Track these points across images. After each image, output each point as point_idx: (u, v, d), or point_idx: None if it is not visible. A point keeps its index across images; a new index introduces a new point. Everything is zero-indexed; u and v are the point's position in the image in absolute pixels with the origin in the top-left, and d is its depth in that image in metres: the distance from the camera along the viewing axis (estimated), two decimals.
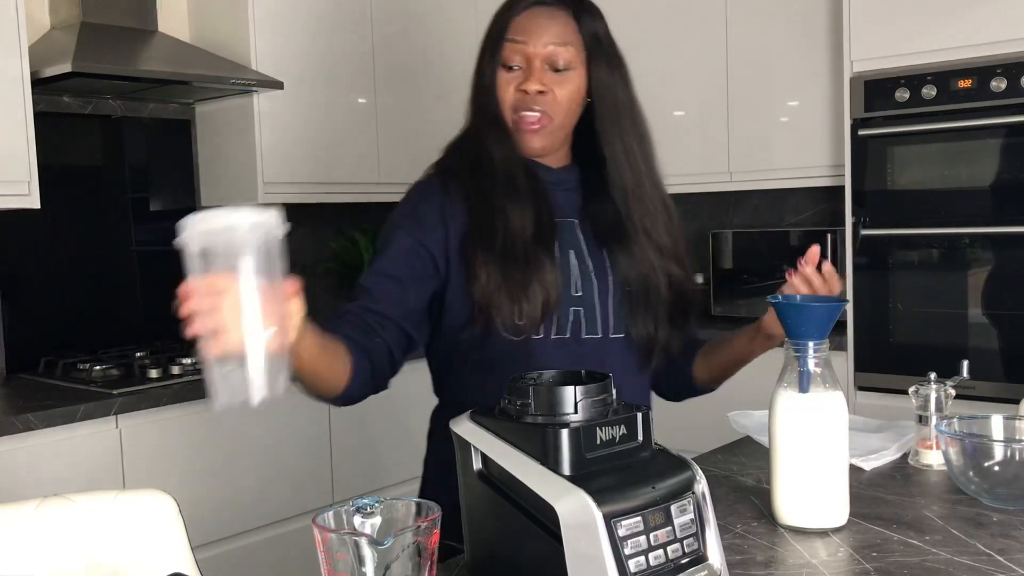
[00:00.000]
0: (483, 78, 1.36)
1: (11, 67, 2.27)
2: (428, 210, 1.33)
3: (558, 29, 1.33)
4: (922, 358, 2.63)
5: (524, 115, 1.33)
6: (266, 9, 2.83)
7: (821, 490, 1.12)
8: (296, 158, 2.94)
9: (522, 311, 1.27)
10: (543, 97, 1.32)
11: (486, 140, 1.35)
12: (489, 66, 1.35)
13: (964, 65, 2.58)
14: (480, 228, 1.31)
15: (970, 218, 2.61)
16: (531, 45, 1.32)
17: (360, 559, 0.74)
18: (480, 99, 1.37)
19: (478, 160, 1.35)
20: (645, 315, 1.37)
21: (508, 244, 1.29)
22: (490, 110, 1.35)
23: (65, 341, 2.71)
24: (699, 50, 3.31)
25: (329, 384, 1.19)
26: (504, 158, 1.34)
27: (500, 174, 1.33)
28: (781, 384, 1.14)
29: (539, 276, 1.27)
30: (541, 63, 1.32)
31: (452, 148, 1.42)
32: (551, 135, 1.35)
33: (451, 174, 1.37)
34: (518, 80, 1.33)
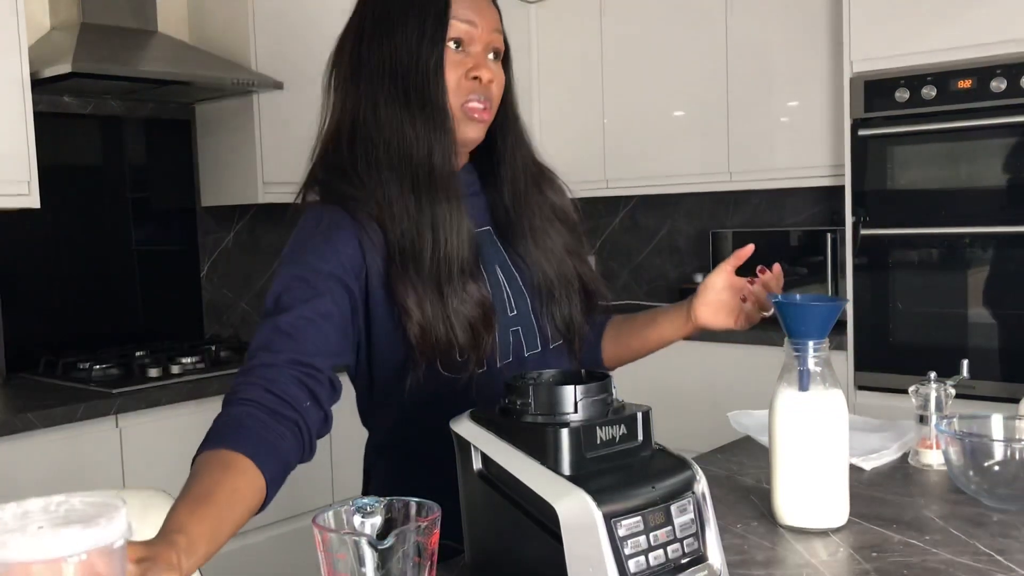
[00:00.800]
0: (417, 57, 1.16)
1: (11, 67, 2.27)
2: (344, 245, 1.13)
3: (494, 14, 1.22)
4: (922, 358, 2.63)
5: (474, 103, 1.18)
6: (266, 9, 2.83)
7: (821, 490, 1.12)
8: (296, 158, 2.92)
9: (461, 345, 1.13)
10: (491, 87, 1.19)
11: (419, 133, 1.16)
12: (431, 45, 1.16)
13: (964, 65, 2.58)
14: (402, 254, 1.14)
15: (970, 218, 2.61)
16: (481, 28, 1.18)
17: (360, 559, 0.74)
18: (412, 82, 1.16)
19: (399, 151, 1.16)
20: (564, 311, 1.28)
21: (440, 265, 1.13)
22: (432, 95, 1.16)
23: (65, 341, 2.71)
24: (699, 50, 3.31)
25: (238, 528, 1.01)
26: (444, 157, 1.16)
27: (437, 175, 1.15)
28: (781, 383, 1.14)
29: (472, 303, 1.14)
30: (484, 49, 1.20)
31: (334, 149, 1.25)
32: (486, 127, 1.22)
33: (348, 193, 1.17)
34: (466, 65, 1.18)
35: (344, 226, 1.14)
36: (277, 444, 1.03)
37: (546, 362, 1.26)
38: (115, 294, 2.87)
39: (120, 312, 2.89)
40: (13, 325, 2.62)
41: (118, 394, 2.24)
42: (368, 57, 1.21)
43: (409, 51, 1.16)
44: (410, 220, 1.14)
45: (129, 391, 2.27)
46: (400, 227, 1.14)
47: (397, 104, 1.17)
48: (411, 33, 1.16)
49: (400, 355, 1.17)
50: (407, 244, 1.14)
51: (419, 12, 1.17)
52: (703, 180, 3.35)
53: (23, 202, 2.31)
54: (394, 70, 1.17)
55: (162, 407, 2.31)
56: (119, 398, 2.23)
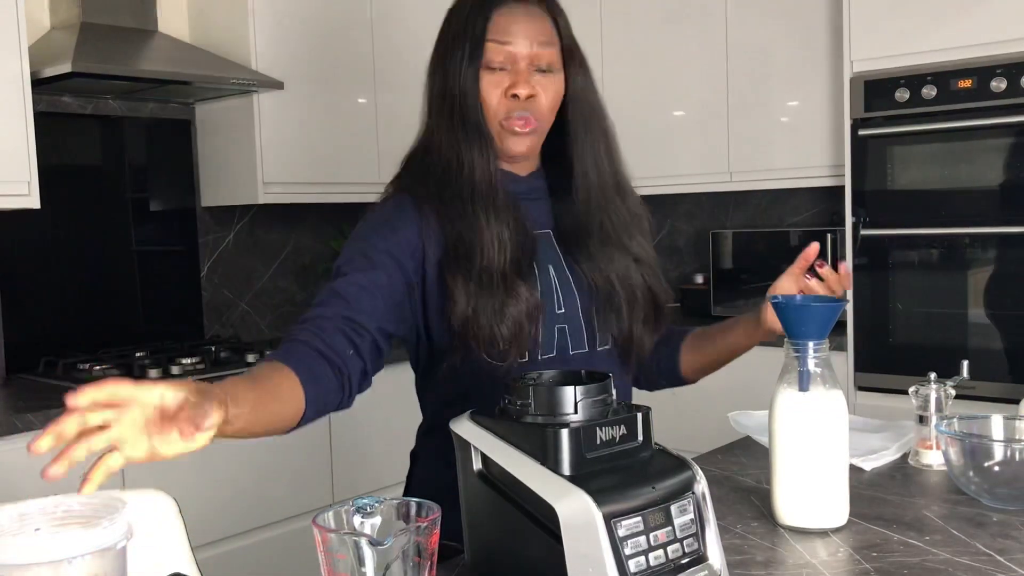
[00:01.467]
0: (459, 81, 1.26)
1: (11, 67, 2.27)
2: (406, 229, 1.25)
3: (540, 28, 1.27)
4: (922, 358, 2.63)
5: (514, 119, 1.26)
6: (266, 9, 2.83)
7: (821, 490, 1.12)
8: (296, 158, 2.94)
9: (503, 337, 1.21)
10: (532, 101, 1.26)
11: (464, 150, 1.26)
12: (468, 70, 1.25)
13: (964, 65, 2.58)
14: (456, 251, 1.23)
15: (970, 218, 2.61)
16: (517, 46, 1.25)
17: (360, 559, 0.74)
18: (454, 107, 1.26)
19: (452, 172, 1.26)
20: (622, 320, 1.32)
21: (487, 267, 1.22)
22: (471, 116, 1.25)
23: (65, 341, 2.71)
24: (699, 50, 3.31)
25: (273, 429, 1.06)
26: (484, 170, 1.25)
27: (480, 188, 1.25)
28: (781, 384, 1.14)
29: (517, 300, 1.21)
30: (527, 65, 1.26)
31: (414, 161, 1.34)
32: (536, 139, 1.30)
33: (420, 192, 1.28)
34: (504, 83, 1.25)
35: (407, 211, 1.26)
36: (320, 376, 1.12)
37: (592, 363, 1.29)
38: (115, 294, 2.87)
39: (120, 312, 2.89)
40: (13, 325, 2.62)
41: None
42: (433, 81, 1.32)
43: (454, 75, 1.27)
44: (458, 228, 1.24)
45: None
46: (453, 231, 1.24)
47: (450, 127, 1.27)
48: (457, 59, 1.26)
49: (448, 340, 1.25)
50: (461, 247, 1.23)
51: (462, 37, 1.27)
52: (703, 180, 3.35)
53: (23, 202, 2.31)
54: (444, 93, 1.28)
55: None
56: None
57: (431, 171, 1.29)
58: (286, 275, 3.30)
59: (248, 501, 2.49)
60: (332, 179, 3.04)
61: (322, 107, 3.00)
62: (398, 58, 3.21)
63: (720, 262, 3.35)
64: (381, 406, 2.82)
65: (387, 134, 3.17)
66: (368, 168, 3.12)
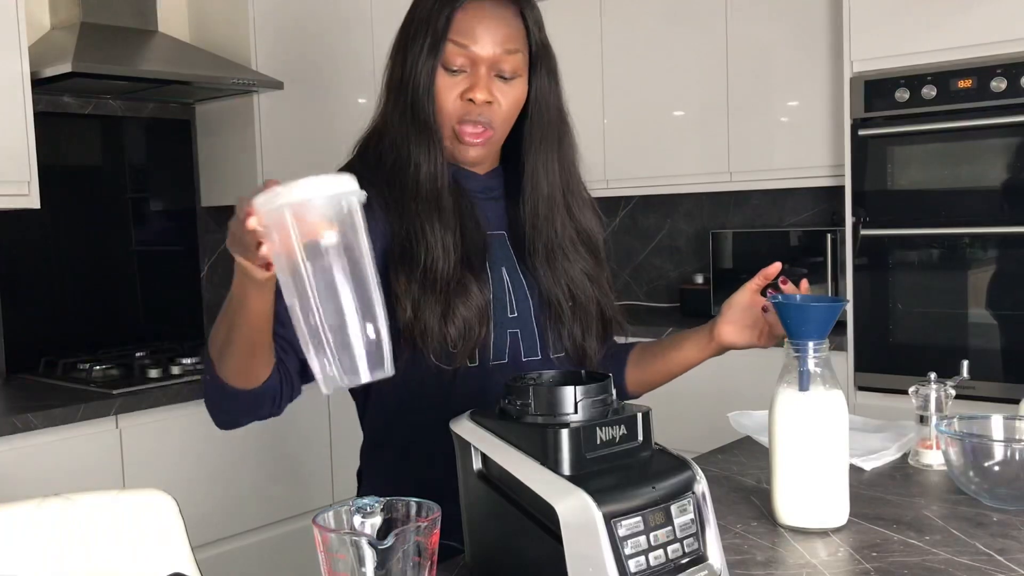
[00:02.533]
0: (414, 77, 1.18)
1: (11, 67, 2.27)
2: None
3: (507, 32, 1.19)
4: (922, 358, 2.63)
5: (467, 127, 1.20)
6: (266, 9, 2.83)
7: (821, 490, 1.12)
8: (296, 158, 2.94)
9: (451, 338, 1.15)
10: (489, 107, 1.19)
11: (412, 149, 1.19)
12: (425, 66, 1.18)
13: (964, 65, 2.58)
14: (401, 250, 1.17)
15: (970, 218, 2.61)
16: (479, 48, 1.17)
17: (360, 559, 0.74)
18: (408, 100, 1.19)
19: (399, 170, 1.20)
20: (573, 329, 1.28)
21: (431, 269, 1.16)
22: (422, 116, 1.19)
23: (65, 341, 2.71)
24: (699, 50, 3.31)
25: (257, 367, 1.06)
26: (431, 173, 1.19)
27: (424, 190, 1.18)
28: (781, 384, 1.14)
29: (466, 301, 1.16)
30: (487, 69, 1.18)
31: (367, 147, 1.27)
32: (491, 146, 1.24)
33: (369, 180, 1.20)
34: (461, 86, 1.18)
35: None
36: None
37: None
38: (115, 294, 2.88)
39: (120, 312, 2.89)
40: (13, 325, 2.62)
41: (118, 395, 2.24)
42: (392, 67, 1.24)
43: (413, 67, 1.19)
44: (404, 224, 1.18)
45: (129, 392, 2.27)
46: (399, 228, 1.18)
47: (403, 119, 1.21)
48: (417, 50, 1.19)
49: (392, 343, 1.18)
50: (407, 245, 1.17)
51: (424, 30, 1.18)
52: (703, 180, 3.35)
53: (23, 202, 2.31)
54: (401, 85, 1.21)
55: (162, 408, 2.31)
56: (119, 399, 2.23)
57: (383, 160, 1.23)
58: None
59: (248, 501, 2.49)
60: None
61: (322, 107, 3.00)
62: None
63: (720, 262, 3.35)
64: None
65: None
66: None
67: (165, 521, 1.20)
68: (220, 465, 2.43)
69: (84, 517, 1.17)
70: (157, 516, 1.20)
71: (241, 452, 2.48)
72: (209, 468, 2.41)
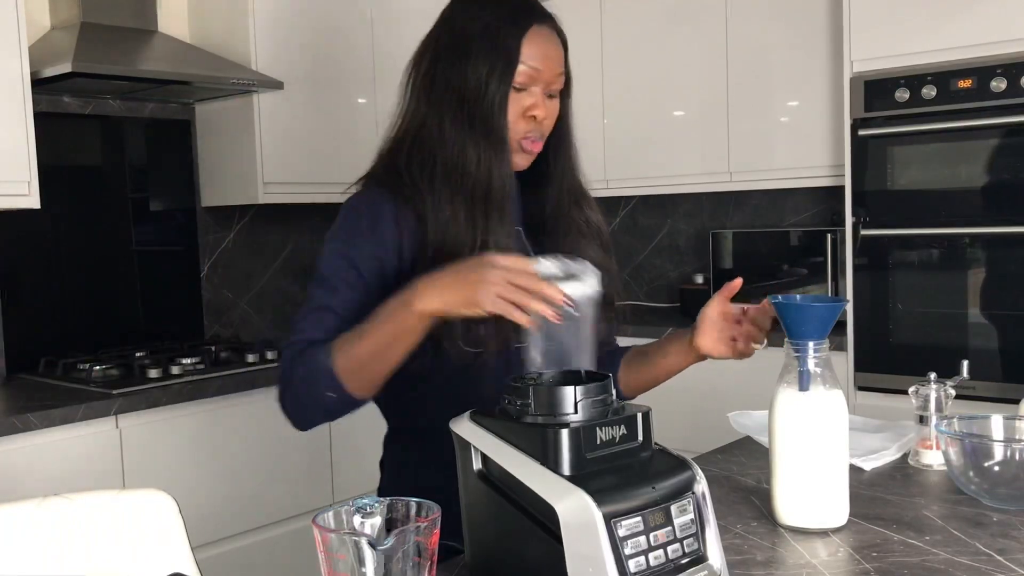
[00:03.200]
0: (486, 95, 1.27)
1: (11, 67, 2.27)
2: (386, 227, 1.28)
3: (560, 56, 1.33)
4: (922, 358, 2.63)
5: (529, 139, 1.31)
6: (266, 9, 2.83)
7: (821, 490, 1.12)
8: (296, 158, 2.94)
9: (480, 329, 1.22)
10: (544, 123, 1.32)
11: (483, 156, 1.27)
12: (500, 87, 1.28)
13: (964, 65, 2.58)
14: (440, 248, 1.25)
15: (970, 218, 2.61)
16: (544, 72, 1.30)
17: (360, 559, 0.74)
18: (477, 114, 1.28)
19: (460, 173, 1.27)
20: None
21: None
22: (495, 127, 1.28)
23: (65, 341, 2.71)
24: (699, 50, 3.30)
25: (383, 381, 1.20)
26: (502, 180, 1.28)
27: (496, 196, 1.28)
28: (781, 384, 1.14)
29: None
30: (543, 88, 1.31)
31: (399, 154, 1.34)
32: (534, 158, 1.35)
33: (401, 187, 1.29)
34: (525, 103, 1.30)
35: (386, 208, 1.28)
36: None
37: None
38: (115, 294, 2.88)
39: (120, 312, 2.89)
40: (13, 325, 2.62)
41: (118, 394, 2.24)
42: (441, 76, 1.30)
43: (478, 82, 1.27)
44: (457, 227, 1.25)
45: (129, 391, 2.27)
46: (443, 230, 1.25)
47: (462, 126, 1.28)
48: (482, 65, 1.27)
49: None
50: (448, 246, 1.24)
51: (492, 47, 1.27)
52: (703, 180, 3.35)
53: (23, 202, 2.31)
54: (463, 95, 1.28)
55: (162, 407, 2.31)
56: (119, 398, 2.23)
57: (429, 167, 1.29)
58: (286, 275, 3.30)
59: (248, 501, 2.49)
60: (332, 179, 3.03)
61: (322, 107, 3.00)
62: (398, 58, 3.20)
63: (720, 262, 3.35)
64: None
65: None
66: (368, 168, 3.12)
67: (165, 521, 1.20)
68: (220, 465, 2.43)
69: (84, 517, 1.17)
70: (157, 516, 1.20)
71: (241, 452, 2.48)
72: (209, 468, 2.41)
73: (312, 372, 1.18)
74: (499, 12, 1.29)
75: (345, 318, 1.22)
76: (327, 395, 1.19)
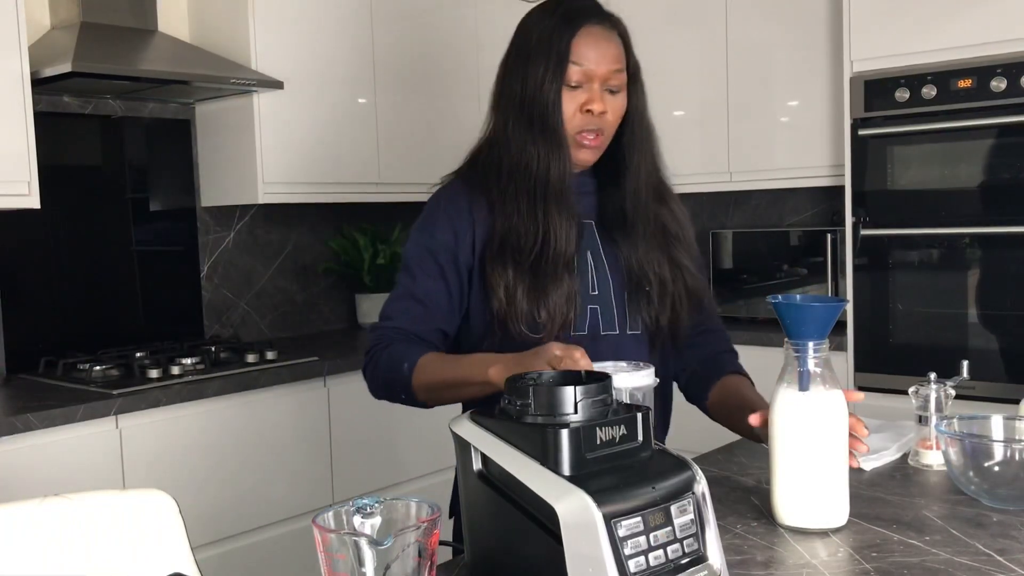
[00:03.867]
0: (541, 93, 1.38)
1: (11, 67, 2.27)
2: (460, 219, 1.41)
3: (615, 53, 1.41)
4: (922, 358, 2.63)
5: (585, 134, 1.40)
6: (266, 9, 2.83)
7: (821, 490, 1.12)
8: (296, 158, 2.94)
9: (541, 320, 1.34)
10: (602, 117, 1.40)
11: (541, 153, 1.38)
12: (553, 84, 1.38)
13: (964, 65, 2.58)
14: (506, 239, 1.37)
15: (970, 218, 2.61)
16: (596, 68, 1.38)
17: (360, 559, 0.74)
18: (534, 114, 1.38)
19: (524, 170, 1.39)
20: (651, 309, 1.44)
21: (545, 256, 1.36)
22: (550, 124, 1.38)
23: (65, 341, 2.71)
24: (699, 50, 3.30)
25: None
26: (560, 173, 1.39)
27: (555, 188, 1.38)
28: (781, 384, 1.14)
29: (559, 287, 1.35)
30: (599, 84, 1.39)
31: (479, 155, 1.46)
32: (600, 150, 1.44)
33: (477, 183, 1.42)
34: (580, 99, 1.38)
35: (460, 201, 1.42)
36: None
37: (622, 345, 1.42)
38: (115, 294, 2.88)
39: (120, 312, 2.89)
40: (13, 325, 2.62)
41: (118, 395, 2.24)
42: (507, 84, 1.43)
43: (535, 85, 1.38)
44: (520, 219, 1.37)
45: (129, 392, 2.27)
46: (509, 222, 1.38)
47: (523, 127, 1.40)
48: (538, 69, 1.38)
49: (485, 320, 1.40)
50: (512, 237, 1.37)
51: (546, 52, 1.38)
52: (703, 180, 3.35)
53: (23, 202, 2.31)
54: (522, 98, 1.40)
55: (162, 408, 2.31)
56: (119, 399, 2.23)
57: (497, 166, 1.41)
58: (286, 275, 3.30)
59: (248, 501, 2.49)
60: (332, 179, 3.04)
61: (322, 107, 3.00)
62: (398, 58, 3.21)
63: (720, 262, 3.35)
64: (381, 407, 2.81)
65: (387, 134, 3.17)
66: (368, 168, 3.12)
67: (165, 521, 1.20)
68: (220, 465, 2.43)
69: (84, 517, 1.17)
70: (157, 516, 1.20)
71: (241, 452, 2.48)
72: (209, 468, 2.41)
73: (394, 376, 1.37)
74: (554, 17, 1.39)
75: (427, 304, 1.40)
76: (400, 396, 1.38)
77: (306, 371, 2.62)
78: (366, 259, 3.31)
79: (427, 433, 2.80)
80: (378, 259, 3.32)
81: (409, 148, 3.23)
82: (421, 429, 2.81)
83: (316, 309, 3.40)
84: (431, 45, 3.32)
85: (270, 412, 2.55)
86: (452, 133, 3.40)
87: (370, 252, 3.31)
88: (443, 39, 3.35)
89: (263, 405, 2.53)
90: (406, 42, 3.24)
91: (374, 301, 3.36)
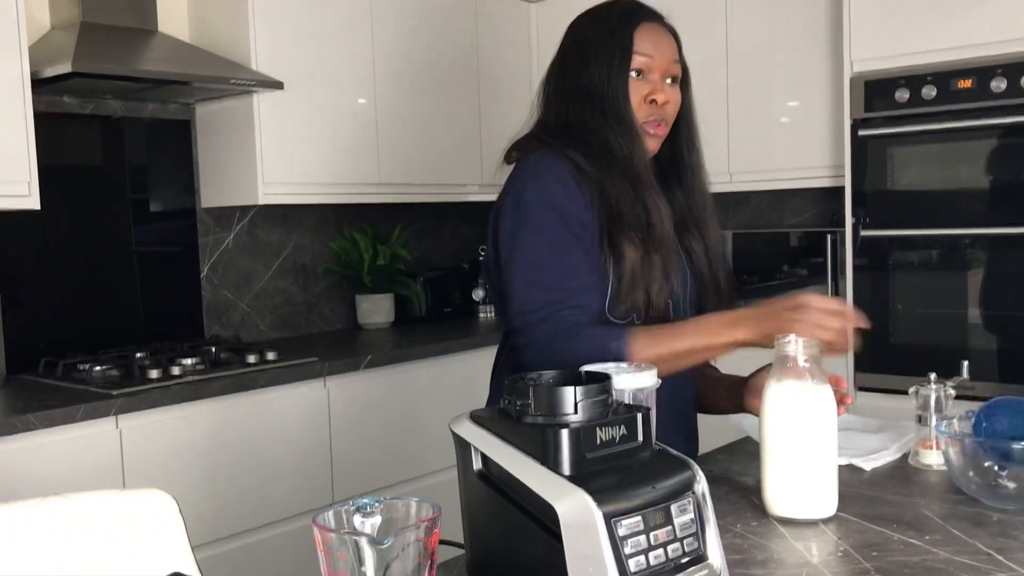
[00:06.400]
0: (609, 84, 1.42)
1: (11, 67, 2.27)
2: (581, 193, 1.40)
3: (674, 48, 1.49)
4: (922, 358, 2.63)
5: (651, 123, 1.45)
6: (266, 9, 2.83)
7: (810, 481, 1.13)
8: (296, 158, 2.94)
9: (652, 293, 1.38)
10: (665, 107, 1.46)
11: (619, 138, 1.42)
12: (620, 76, 1.43)
13: (964, 65, 2.58)
14: (627, 216, 1.39)
15: (970, 219, 2.61)
16: (658, 59, 1.45)
17: (360, 559, 0.74)
18: (606, 103, 1.42)
19: (609, 154, 1.41)
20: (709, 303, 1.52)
21: (653, 237, 1.39)
22: (623, 114, 1.43)
23: (65, 341, 2.71)
24: (699, 50, 3.30)
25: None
26: (644, 160, 1.43)
27: (644, 174, 1.42)
28: (771, 378, 1.16)
29: (670, 264, 1.40)
30: (660, 76, 1.46)
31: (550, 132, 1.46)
32: (662, 140, 1.49)
33: (574, 157, 1.41)
34: (643, 90, 1.44)
35: (577, 175, 1.40)
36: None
37: None
38: (115, 295, 2.88)
39: (120, 313, 2.89)
40: (13, 326, 2.62)
41: (118, 395, 2.24)
42: (572, 78, 1.46)
43: (601, 77, 1.43)
44: (626, 203, 1.40)
45: (129, 392, 2.27)
46: (617, 205, 1.39)
47: (599, 119, 1.43)
48: (603, 62, 1.43)
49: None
50: (628, 216, 1.39)
51: (609, 45, 1.44)
52: None
53: (23, 203, 2.31)
54: (592, 91, 1.44)
55: (162, 408, 2.31)
56: (119, 399, 2.23)
57: (581, 146, 1.42)
58: (286, 275, 3.30)
59: (248, 501, 2.49)
60: (332, 179, 3.04)
61: (322, 107, 3.00)
62: (398, 58, 3.21)
63: None
64: (381, 406, 2.82)
65: (387, 134, 3.17)
66: (368, 168, 3.12)
67: (165, 521, 1.20)
68: (220, 465, 2.43)
69: (84, 517, 1.17)
70: (157, 516, 1.20)
71: (241, 452, 2.48)
72: (209, 468, 2.41)
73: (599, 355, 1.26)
74: (612, 17, 1.46)
75: (593, 276, 1.37)
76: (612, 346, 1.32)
77: (306, 371, 2.62)
78: (366, 260, 3.31)
79: (427, 433, 2.80)
80: (378, 260, 3.32)
81: (409, 148, 3.23)
82: (421, 429, 2.81)
83: (316, 310, 3.40)
84: (431, 45, 3.32)
85: (270, 412, 2.55)
86: (452, 133, 3.40)
87: (370, 253, 3.31)
88: (443, 39, 3.36)
89: (263, 405, 2.53)
90: (406, 42, 3.24)
91: (374, 302, 3.36)
